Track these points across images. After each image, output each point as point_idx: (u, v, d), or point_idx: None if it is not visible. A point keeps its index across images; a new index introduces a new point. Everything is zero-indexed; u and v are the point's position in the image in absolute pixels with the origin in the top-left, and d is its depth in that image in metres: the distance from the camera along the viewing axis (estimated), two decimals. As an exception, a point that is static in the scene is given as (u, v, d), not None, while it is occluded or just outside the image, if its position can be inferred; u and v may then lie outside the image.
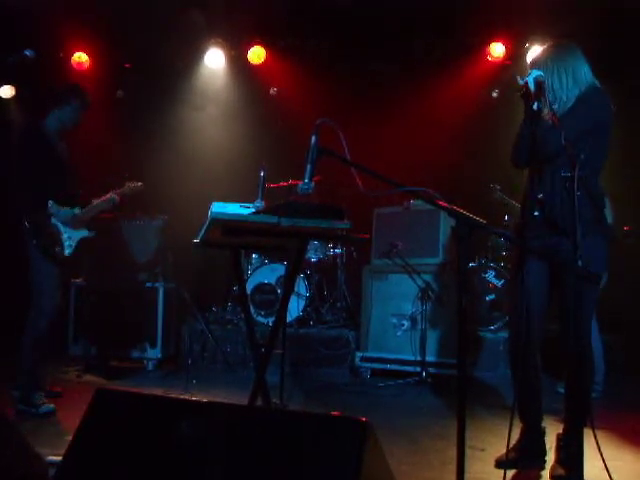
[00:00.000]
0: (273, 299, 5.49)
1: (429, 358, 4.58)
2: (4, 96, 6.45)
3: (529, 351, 2.66)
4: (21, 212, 3.46)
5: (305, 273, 5.72)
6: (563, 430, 2.68)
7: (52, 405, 3.43)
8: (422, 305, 4.69)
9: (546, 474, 2.64)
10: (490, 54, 6.10)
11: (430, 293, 4.68)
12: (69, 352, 5.02)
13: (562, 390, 3.98)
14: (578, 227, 2.19)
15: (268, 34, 6.33)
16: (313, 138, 2.11)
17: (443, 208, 1.83)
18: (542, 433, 2.77)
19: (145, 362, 4.98)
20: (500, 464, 2.68)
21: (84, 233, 3.79)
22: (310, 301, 5.65)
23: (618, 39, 5.49)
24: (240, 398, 3.49)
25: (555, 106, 2.57)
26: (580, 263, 2.21)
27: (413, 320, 4.80)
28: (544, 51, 2.74)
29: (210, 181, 6.01)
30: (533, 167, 2.65)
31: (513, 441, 2.72)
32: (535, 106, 2.56)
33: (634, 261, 4.52)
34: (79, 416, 1.75)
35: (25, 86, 6.37)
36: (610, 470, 2.20)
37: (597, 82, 2.67)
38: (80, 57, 6.36)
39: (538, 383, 2.74)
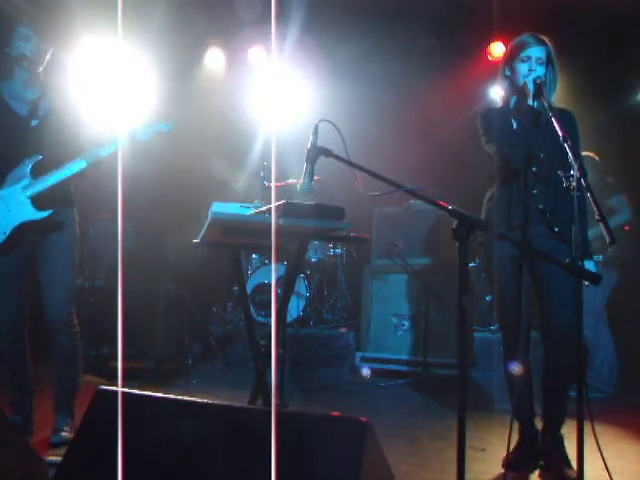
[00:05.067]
0: (273, 299, 5.49)
1: (429, 358, 4.58)
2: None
3: (523, 349, 2.67)
4: None
5: (305, 273, 5.72)
6: (545, 430, 2.70)
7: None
8: (422, 305, 4.69)
9: (546, 474, 2.65)
10: (490, 54, 6.10)
11: (430, 293, 4.67)
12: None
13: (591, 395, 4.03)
14: (576, 226, 2.19)
15: (269, 34, 6.33)
16: (312, 138, 2.11)
17: (443, 208, 1.83)
18: (537, 431, 2.77)
19: (145, 362, 4.98)
20: (504, 466, 2.68)
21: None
22: (310, 301, 5.65)
23: (618, 40, 5.49)
24: (240, 398, 3.49)
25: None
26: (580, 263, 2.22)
27: (413, 320, 4.80)
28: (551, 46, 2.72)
29: (210, 181, 6.01)
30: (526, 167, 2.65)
31: (513, 441, 2.73)
32: (535, 106, 2.58)
33: (635, 261, 4.50)
34: (79, 416, 1.75)
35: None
36: (611, 470, 2.20)
37: None
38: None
39: (529, 382, 2.74)
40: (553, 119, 2.33)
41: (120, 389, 1.67)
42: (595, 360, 4.15)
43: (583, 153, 4.21)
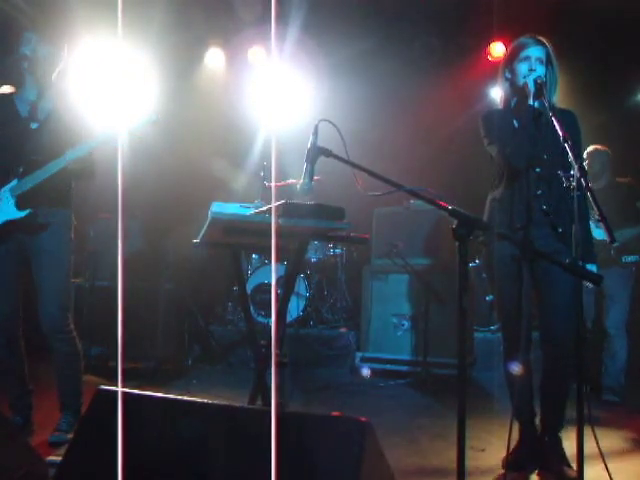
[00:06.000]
0: (273, 299, 5.49)
1: (429, 358, 4.58)
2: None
3: (523, 349, 2.67)
4: None
5: (305, 273, 5.72)
6: (544, 431, 2.70)
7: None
8: (422, 305, 4.69)
9: (546, 474, 2.64)
10: (490, 54, 6.11)
11: (430, 293, 4.67)
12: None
13: (610, 397, 4.00)
14: (576, 226, 2.19)
15: (269, 34, 6.33)
16: (312, 138, 2.11)
17: (443, 208, 1.83)
18: (537, 432, 2.77)
19: (145, 362, 4.97)
20: (504, 466, 2.68)
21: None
22: (310, 301, 5.64)
23: (618, 40, 5.49)
24: (240, 398, 3.49)
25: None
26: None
27: (413, 320, 4.80)
28: (550, 47, 2.72)
29: (210, 181, 6.01)
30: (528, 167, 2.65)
31: (513, 441, 2.73)
32: (535, 106, 2.58)
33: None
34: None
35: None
36: (611, 471, 2.20)
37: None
38: (80, 57, 6.37)
39: (529, 382, 2.74)
40: (553, 119, 2.33)
41: (120, 389, 1.67)
42: (617, 361, 4.12)
43: (600, 147, 4.22)
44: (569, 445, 2.61)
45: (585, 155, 4.23)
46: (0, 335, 2.92)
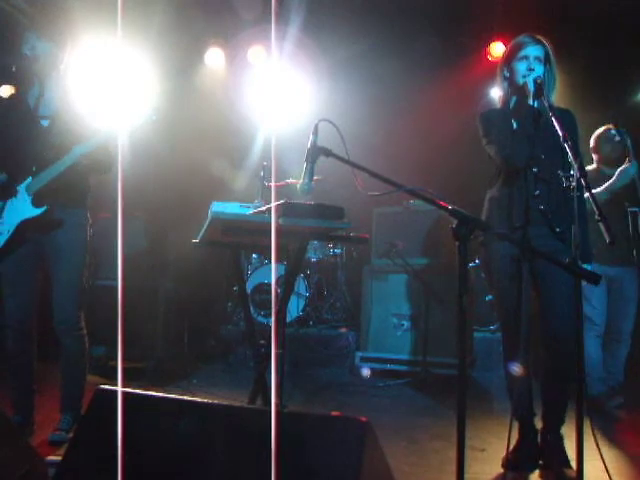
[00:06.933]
0: (273, 299, 5.49)
1: (429, 358, 4.58)
2: (4, 96, 6.43)
3: (523, 349, 2.67)
4: None
5: (305, 273, 5.72)
6: (545, 429, 2.71)
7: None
8: (422, 305, 4.69)
9: (546, 474, 2.65)
10: (490, 54, 6.10)
11: (430, 293, 4.68)
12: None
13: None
14: (576, 226, 2.19)
15: (269, 33, 6.33)
16: (312, 137, 2.11)
17: (443, 208, 1.83)
18: (536, 431, 2.77)
19: (145, 362, 4.97)
20: (504, 466, 2.68)
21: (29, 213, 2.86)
22: (310, 301, 5.65)
23: (618, 40, 5.49)
24: (240, 398, 3.50)
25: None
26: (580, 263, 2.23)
27: (413, 320, 4.80)
28: (548, 46, 2.72)
29: (210, 181, 6.01)
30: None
31: (513, 441, 2.73)
32: (535, 105, 2.58)
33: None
34: (79, 416, 1.74)
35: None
36: (610, 471, 2.20)
37: None
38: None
39: (529, 381, 2.75)
40: (553, 119, 2.33)
41: (120, 389, 1.67)
42: (618, 362, 4.12)
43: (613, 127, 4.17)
44: (569, 445, 2.61)
45: (611, 134, 4.08)
46: (18, 330, 2.94)
